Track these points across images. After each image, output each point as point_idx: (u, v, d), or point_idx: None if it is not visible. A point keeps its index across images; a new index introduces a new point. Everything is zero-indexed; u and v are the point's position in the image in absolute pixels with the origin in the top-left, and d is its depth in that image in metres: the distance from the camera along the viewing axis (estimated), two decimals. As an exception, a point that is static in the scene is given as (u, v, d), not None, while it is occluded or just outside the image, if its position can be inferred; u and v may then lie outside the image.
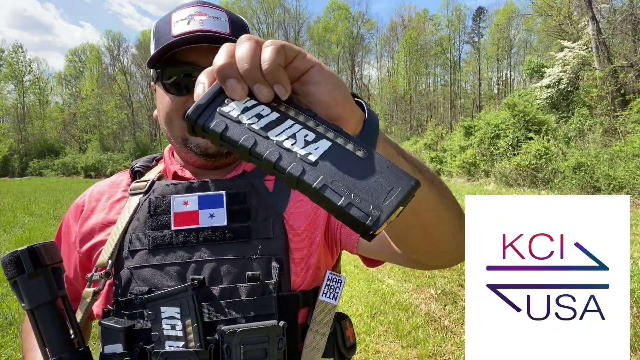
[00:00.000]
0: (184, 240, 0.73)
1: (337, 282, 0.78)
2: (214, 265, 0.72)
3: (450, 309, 3.93)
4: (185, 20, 0.75)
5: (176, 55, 0.74)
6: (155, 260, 0.73)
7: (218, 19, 0.76)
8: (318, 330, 0.74)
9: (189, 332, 0.66)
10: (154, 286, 0.70)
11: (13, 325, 3.56)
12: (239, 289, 0.70)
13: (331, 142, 0.37)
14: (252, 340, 0.65)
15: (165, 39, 0.74)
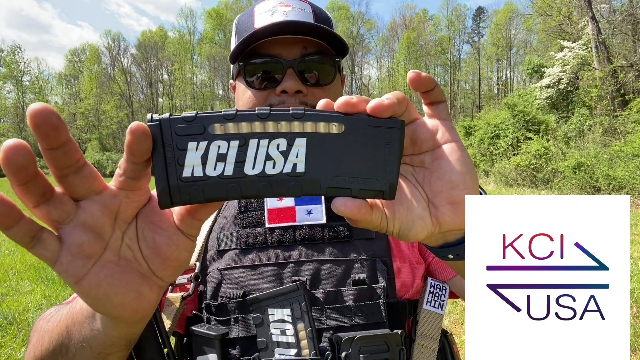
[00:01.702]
0: (280, 238, 0.67)
1: (441, 289, 0.70)
2: (314, 267, 0.65)
3: (450, 309, 3.93)
4: (269, 12, 0.71)
5: (259, 48, 0.69)
6: (247, 260, 0.66)
7: (302, 10, 0.72)
8: (426, 345, 0.66)
9: (301, 338, 0.58)
10: (248, 289, 0.63)
11: (13, 325, 3.56)
12: (343, 294, 0.63)
13: (305, 137, 0.33)
14: (372, 350, 0.57)
15: (247, 32, 0.70)
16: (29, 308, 3.92)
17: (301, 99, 0.69)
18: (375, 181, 0.34)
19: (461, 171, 0.38)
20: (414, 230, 0.39)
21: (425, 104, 0.40)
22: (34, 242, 0.33)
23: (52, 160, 0.32)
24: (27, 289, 4.53)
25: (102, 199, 0.34)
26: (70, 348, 0.46)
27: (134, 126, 0.30)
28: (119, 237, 0.35)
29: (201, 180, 0.32)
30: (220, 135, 0.32)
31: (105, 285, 0.34)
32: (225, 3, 49.97)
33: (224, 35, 48.85)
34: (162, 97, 51.98)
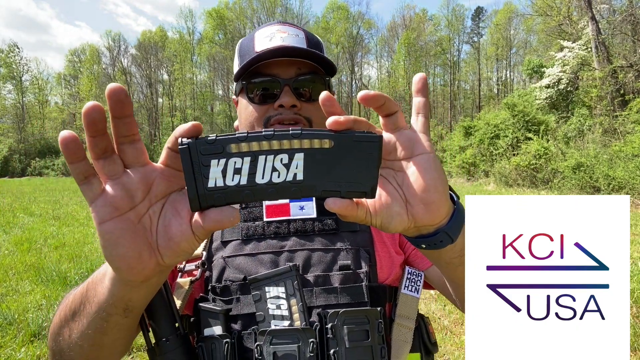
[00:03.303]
0: (276, 230, 0.77)
1: (417, 275, 0.80)
2: (306, 254, 0.75)
3: (450, 309, 3.93)
4: (268, 38, 0.81)
5: (259, 69, 0.80)
6: (248, 249, 0.76)
7: (297, 36, 0.83)
8: (404, 324, 0.76)
9: (294, 312, 0.68)
10: (248, 273, 0.73)
11: (13, 325, 3.56)
12: (331, 277, 0.73)
13: (303, 152, 0.41)
14: (354, 322, 0.66)
15: (249, 55, 0.81)
16: (28, 308, 3.92)
17: (296, 112, 0.79)
18: (359, 184, 0.43)
19: (434, 177, 0.46)
20: (393, 224, 0.47)
21: (382, 117, 0.48)
22: (85, 181, 0.41)
23: (116, 127, 0.40)
24: (27, 289, 4.53)
25: (143, 170, 0.43)
26: (86, 305, 0.56)
27: (111, 91, 0.39)
28: (146, 207, 0.43)
29: (222, 189, 0.41)
30: (236, 153, 0.40)
31: (117, 234, 0.42)
32: (225, 3, 49.97)
33: (224, 35, 48.84)
34: (162, 97, 51.96)
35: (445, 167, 22.35)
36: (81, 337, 0.57)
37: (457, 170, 20.35)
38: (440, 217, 0.48)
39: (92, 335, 0.56)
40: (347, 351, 0.65)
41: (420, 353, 0.79)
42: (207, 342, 0.68)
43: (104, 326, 0.55)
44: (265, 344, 0.65)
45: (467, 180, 19.34)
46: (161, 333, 0.65)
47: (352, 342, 0.66)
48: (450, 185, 0.54)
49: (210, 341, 0.68)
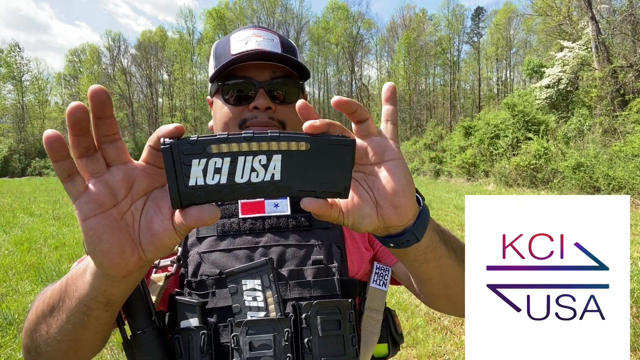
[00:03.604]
0: (251, 227, 0.80)
1: (385, 270, 0.84)
2: (280, 250, 0.77)
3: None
4: (244, 41, 0.84)
5: (234, 71, 0.82)
6: (223, 245, 0.78)
7: (271, 40, 0.85)
8: (372, 316, 0.80)
9: (269, 303, 0.70)
10: (224, 268, 0.75)
11: (13, 325, 3.56)
12: (304, 271, 0.76)
13: (280, 154, 0.43)
14: (327, 312, 0.70)
15: (225, 57, 0.83)
16: (29, 308, 3.92)
17: (270, 114, 0.82)
18: (333, 185, 0.45)
19: (402, 182, 0.50)
20: (364, 224, 0.50)
21: (354, 123, 0.51)
22: (69, 179, 0.43)
23: (97, 127, 0.42)
24: (27, 290, 4.53)
25: (125, 168, 0.44)
26: (65, 300, 0.56)
27: (93, 92, 0.40)
28: (128, 204, 0.45)
29: (203, 188, 0.42)
30: (216, 154, 0.42)
31: (101, 230, 0.43)
32: (225, 3, 49.96)
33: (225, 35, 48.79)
34: (162, 97, 51.94)
35: (445, 167, 22.34)
36: (60, 332, 0.58)
37: (457, 170, 20.35)
38: (407, 219, 0.51)
39: (71, 329, 0.57)
40: (320, 340, 0.68)
41: (388, 343, 0.83)
42: (183, 334, 0.70)
43: (85, 320, 0.56)
44: (242, 334, 0.68)
45: (467, 180, 19.34)
46: (138, 326, 0.67)
47: (325, 331, 0.69)
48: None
49: (187, 333, 0.70)
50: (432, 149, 25.83)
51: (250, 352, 0.67)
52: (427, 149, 26.06)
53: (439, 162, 23.45)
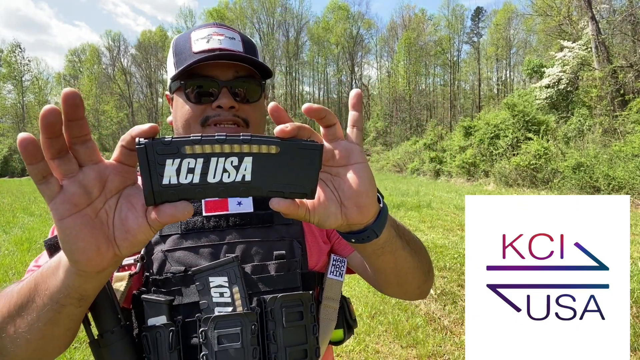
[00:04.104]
0: (215, 225, 0.81)
1: (341, 262, 0.88)
2: (244, 247, 0.80)
3: (450, 309, 3.93)
4: (205, 39, 0.85)
5: (197, 69, 0.83)
6: (187, 243, 0.80)
7: (233, 39, 0.87)
8: (329, 305, 0.85)
9: (236, 298, 0.73)
10: (189, 266, 0.77)
11: (12, 325, 3.56)
12: (268, 266, 0.79)
13: (251, 156, 0.45)
14: (290, 305, 0.74)
15: (186, 54, 0.85)
16: None
17: (234, 112, 0.83)
18: (301, 186, 0.48)
19: (366, 184, 0.53)
20: (328, 222, 0.54)
21: (322, 127, 0.54)
22: (43, 181, 0.43)
23: (68, 129, 0.43)
24: (26, 289, 4.53)
25: (97, 168, 0.46)
26: (35, 299, 0.57)
27: (67, 95, 0.42)
28: (102, 202, 0.46)
29: (176, 186, 0.44)
30: (190, 154, 0.44)
31: (77, 229, 0.45)
32: (225, 3, 49.93)
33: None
34: (161, 97, 51.92)
35: (445, 167, 22.33)
36: (29, 330, 0.58)
37: (457, 170, 20.35)
38: (368, 217, 0.55)
39: (42, 327, 0.58)
40: (284, 330, 0.73)
41: (343, 329, 0.88)
42: (151, 332, 0.71)
43: (56, 317, 0.57)
44: (210, 329, 0.71)
45: (467, 180, 19.34)
46: (105, 325, 0.67)
47: (289, 323, 0.74)
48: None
49: (154, 330, 0.71)
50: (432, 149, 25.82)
51: (218, 345, 0.70)
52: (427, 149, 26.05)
53: (439, 162, 23.45)
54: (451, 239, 6.64)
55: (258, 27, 49.84)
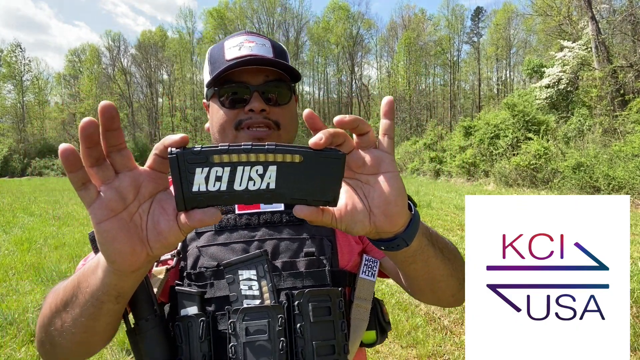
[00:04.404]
0: (247, 222, 0.84)
1: (373, 262, 0.88)
2: (274, 243, 0.82)
3: (450, 309, 3.93)
4: (237, 47, 0.89)
5: (229, 76, 0.86)
6: (221, 239, 0.83)
7: (264, 45, 0.90)
8: (361, 305, 0.85)
9: (264, 292, 0.75)
10: (221, 261, 0.80)
11: (13, 325, 3.56)
12: (297, 263, 0.81)
13: (276, 165, 0.47)
14: (318, 300, 0.75)
15: (219, 62, 0.88)
16: (28, 308, 3.92)
17: (265, 115, 0.86)
18: (323, 194, 0.49)
19: (395, 194, 0.53)
20: (356, 229, 0.54)
21: (355, 135, 0.54)
22: (82, 187, 0.47)
23: (106, 139, 0.46)
24: (26, 289, 4.53)
25: (132, 174, 0.49)
26: (78, 295, 0.61)
27: (104, 108, 0.45)
28: (136, 206, 0.50)
29: (204, 193, 0.47)
30: (217, 163, 0.46)
31: (114, 232, 0.48)
32: (225, 3, 49.94)
33: (225, 35, 48.82)
34: (162, 97, 51.91)
35: (445, 167, 22.32)
36: (74, 324, 0.63)
37: (457, 170, 20.35)
38: (398, 226, 0.55)
39: (85, 322, 0.62)
40: (312, 325, 0.74)
41: (376, 330, 0.88)
42: (183, 322, 0.74)
43: (97, 313, 0.61)
44: (239, 320, 0.72)
45: (467, 180, 19.34)
46: (141, 314, 0.71)
47: (316, 317, 0.74)
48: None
49: (186, 320, 0.74)
50: (432, 148, 25.82)
51: (246, 336, 0.72)
52: (427, 149, 26.04)
53: (439, 162, 23.44)
54: (451, 239, 6.64)
55: (258, 27, 49.83)
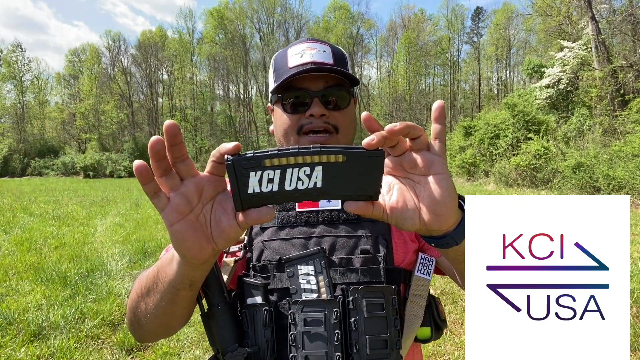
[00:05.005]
0: (306, 219, 0.90)
1: (429, 260, 0.91)
2: (331, 240, 0.87)
3: (450, 309, 3.93)
4: (299, 55, 0.94)
5: (292, 82, 0.92)
6: (282, 234, 0.89)
7: (324, 52, 0.95)
8: (416, 302, 0.88)
9: (321, 286, 0.80)
10: (282, 254, 0.86)
11: (13, 325, 3.56)
12: (353, 260, 0.85)
13: (321, 165, 0.51)
14: (372, 296, 0.78)
15: (283, 69, 0.94)
16: (28, 308, 3.92)
17: (325, 120, 0.91)
18: (366, 189, 0.54)
19: (444, 195, 0.56)
20: (406, 225, 0.57)
21: (408, 139, 0.57)
22: (155, 196, 0.53)
23: (171, 152, 0.52)
24: (26, 289, 4.53)
25: (195, 180, 0.55)
26: (158, 283, 0.70)
27: (168, 127, 0.51)
28: (200, 208, 0.56)
29: (259, 194, 0.52)
30: (269, 167, 0.51)
31: (184, 233, 0.55)
32: (225, 3, 49.92)
33: (225, 35, 48.79)
34: (162, 97, 51.90)
35: (445, 167, 22.30)
36: (156, 308, 0.72)
37: (457, 170, 20.35)
38: (447, 225, 0.57)
39: (164, 306, 0.71)
40: (365, 320, 0.77)
41: (431, 327, 0.91)
42: (249, 309, 0.81)
43: (174, 298, 0.69)
44: (298, 311, 0.78)
45: (467, 180, 19.34)
46: (213, 301, 0.79)
47: (370, 313, 0.77)
48: (460, 194, 0.62)
49: (252, 308, 0.81)
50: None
51: (304, 326, 0.77)
52: (427, 149, 26.02)
53: (439, 162, 23.38)
54: (451, 239, 6.64)
55: (258, 27, 49.87)
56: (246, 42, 48.72)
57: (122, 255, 5.94)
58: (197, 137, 45.88)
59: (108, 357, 3.12)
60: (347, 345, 0.77)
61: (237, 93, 49.46)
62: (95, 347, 3.27)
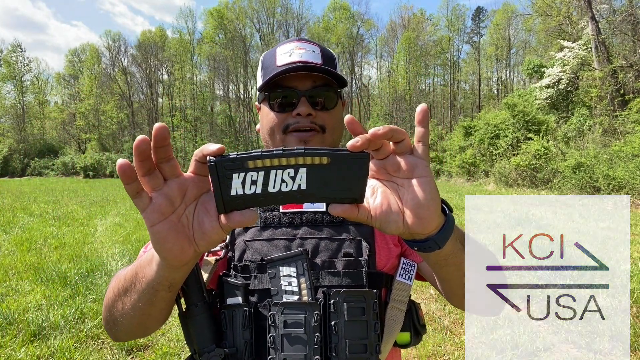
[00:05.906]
0: (290, 220, 0.89)
1: (410, 265, 0.90)
2: (315, 242, 0.86)
3: (450, 309, 3.93)
4: (288, 54, 0.93)
5: (280, 81, 0.91)
6: (265, 235, 0.88)
7: (313, 52, 0.94)
8: (396, 306, 0.87)
9: (303, 288, 0.80)
10: (265, 255, 0.85)
11: (13, 325, 3.56)
12: (335, 263, 0.84)
13: (305, 167, 0.50)
14: (353, 299, 0.78)
15: (271, 68, 0.93)
16: (28, 308, 3.91)
17: (311, 119, 0.90)
18: (350, 192, 0.53)
19: (428, 198, 0.55)
20: (389, 228, 0.57)
21: (392, 143, 0.57)
22: (137, 196, 0.52)
23: (157, 152, 0.51)
24: (26, 289, 4.53)
25: (178, 181, 0.54)
26: (136, 283, 0.69)
27: (158, 130, 0.50)
28: (183, 209, 0.55)
29: (242, 196, 0.51)
30: (252, 168, 0.50)
31: (165, 234, 0.54)
32: (225, 3, 49.92)
33: (225, 35, 48.78)
34: (162, 97, 51.90)
35: (445, 167, 22.33)
36: (133, 308, 0.71)
37: (457, 170, 20.35)
38: (430, 229, 0.57)
39: (142, 307, 0.70)
40: (346, 323, 0.77)
41: (410, 332, 0.90)
42: (229, 310, 0.81)
43: (152, 299, 0.68)
44: (278, 313, 0.77)
45: (467, 180, 19.34)
46: (192, 300, 0.78)
47: (350, 316, 0.77)
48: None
49: (232, 309, 0.80)
50: (432, 148, 25.82)
51: (284, 329, 0.77)
52: (427, 149, 26.01)
53: (439, 162, 23.44)
54: (451, 239, 6.64)
55: (258, 27, 49.87)
56: (246, 42, 48.69)
57: (122, 255, 5.93)
58: (197, 137, 45.87)
59: (108, 357, 3.12)
60: (326, 349, 0.77)
61: (237, 93, 49.42)
62: (95, 347, 3.26)
